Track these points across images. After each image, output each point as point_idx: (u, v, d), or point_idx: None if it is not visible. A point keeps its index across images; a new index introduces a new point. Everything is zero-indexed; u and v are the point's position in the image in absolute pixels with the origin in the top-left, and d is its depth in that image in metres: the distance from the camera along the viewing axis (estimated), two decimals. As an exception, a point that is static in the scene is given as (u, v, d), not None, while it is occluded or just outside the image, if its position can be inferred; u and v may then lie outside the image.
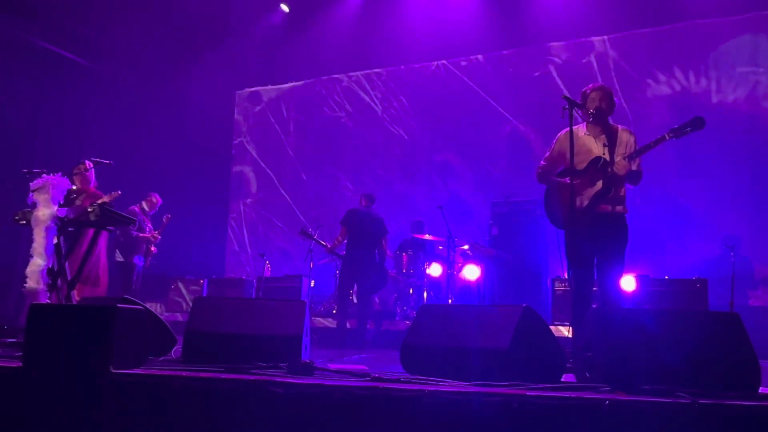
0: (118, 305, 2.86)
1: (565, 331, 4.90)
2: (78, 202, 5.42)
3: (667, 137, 3.63)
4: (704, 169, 7.49)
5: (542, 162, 4.18)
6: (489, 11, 8.93)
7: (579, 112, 3.93)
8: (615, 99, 4.02)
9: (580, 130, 4.01)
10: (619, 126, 4.00)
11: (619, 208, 3.86)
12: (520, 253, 7.33)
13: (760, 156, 7.42)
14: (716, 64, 7.86)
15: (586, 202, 3.85)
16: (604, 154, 3.87)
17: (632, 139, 3.93)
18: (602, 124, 3.95)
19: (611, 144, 3.88)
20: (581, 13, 8.39)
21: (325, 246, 7.06)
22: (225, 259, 10.61)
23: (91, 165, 5.61)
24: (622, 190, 3.88)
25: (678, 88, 8.04)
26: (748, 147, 7.52)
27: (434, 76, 9.66)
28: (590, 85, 4.05)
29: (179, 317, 7.80)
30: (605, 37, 8.50)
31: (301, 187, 10.43)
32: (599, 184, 3.80)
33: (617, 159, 3.76)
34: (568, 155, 3.79)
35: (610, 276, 3.80)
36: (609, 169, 3.77)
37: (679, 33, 8.10)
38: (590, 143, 3.94)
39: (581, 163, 3.87)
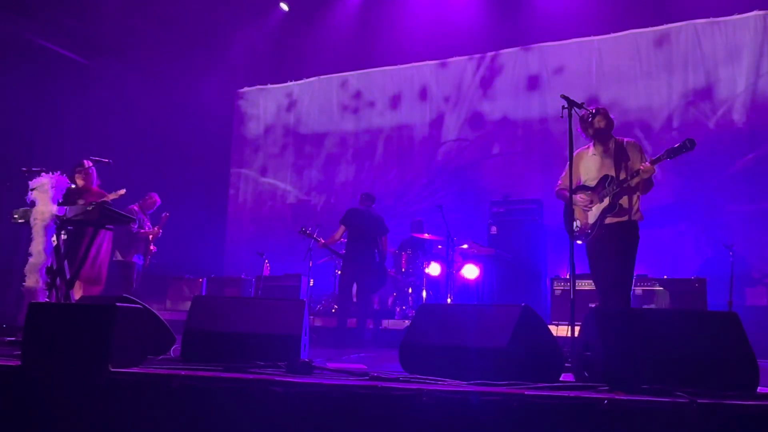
0: (117, 304, 2.86)
1: (564, 331, 4.92)
2: (80, 201, 5.42)
3: (663, 157, 3.88)
4: (703, 168, 7.49)
5: (559, 180, 4.45)
6: (490, 11, 8.93)
7: (582, 133, 4.23)
8: (611, 115, 4.24)
9: (588, 150, 4.30)
10: (624, 139, 4.24)
11: (626, 217, 4.06)
12: (519, 253, 7.34)
13: (759, 155, 7.42)
14: (715, 64, 7.86)
15: (595, 217, 4.13)
16: (612, 168, 4.11)
17: (637, 148, 4.17)
18: (607, 141, 4.19)
19: (618, 158, 4.13)
20: (582, 13, 8.39)
21: (319, 241, 7.05)
22: (224, 257, 10.60)
23: (91, 164, 5.61)
24: (632, 201, 4.07)
25: (677, 87, 8.04)
26: (746, 146, 7.52)
27: (434, 75, 9.66)
28: (589, 110, 4.17)
29: (178, 316, 7.79)
30: (604, 36, 8.50)
31: (300, 186, 10.43)
32: (606, 200, 4.08)
33: (642, 165, 3.96)
34: (580, 174, 4.21)
35: (617, 280, 4.00)
36: (617, 185, 4.04)
37: (678, 33, 8.10)
38: (598, 162, 4.19)
39: (592, 181, 4.20)
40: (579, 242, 4.21)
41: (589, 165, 4.23)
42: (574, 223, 4.23)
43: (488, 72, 9.27)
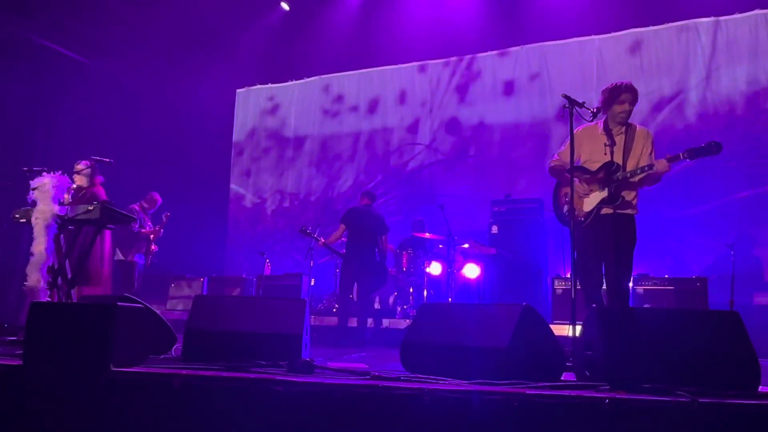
0: (119, 303, 2.86)
1: (566, 330, 4.91)
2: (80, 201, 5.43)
3: (681, 157, 3.62)
4: (705, 167, 7.47)
5: (555, 156, 4.15)
6: (490, 10, 8.93)
7: (601, 107, 3.87)
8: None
9: (597, 128, 3.97)
10: (637, 126, 3.96)
11: (626, 210, 3.85)
12: (520, 252, 7.33)
13: (761, 152, 7.41)
14: (715, 62, 7.85)
15: (591, 206, 3.86)
16: (607, 154, 3.84)
17: (650, 140, 3.90)
18: (623, 124, 3.89)
19: (628, 146, 3.83)
20: (583, 11, 8.39)
21: (319, 241, 7.06)
22: (225, 257, 10.62)
23: (89, 163, 5.62)
24: (631, 194, 3.86)
25: (677, 86, 8.03)
26: (748, 144, 7.51)
27: (434, 74, 9.66)
28: (620, 84, 3.88)
29: (179, 315, 7.80)
30: (606, 35, 8.50)
31: (301, 185, 10.44)
32: (607, 190, 3.81)
33: (658, 161, 3.72)
34: (581, 153, 3.87)
35: (615, 277, 3.81)
36: (622, 176, 3.77)
37: (679, 31, 8.10)
38: (606, 145, 3.87)
39: (595, 163, 3.89)
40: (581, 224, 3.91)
41: (595, 145, 3.88)
42: (565, 208, 3.95)
43: (486, 71, 9.27)
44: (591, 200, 3.89)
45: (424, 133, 9.57)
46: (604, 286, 3.96)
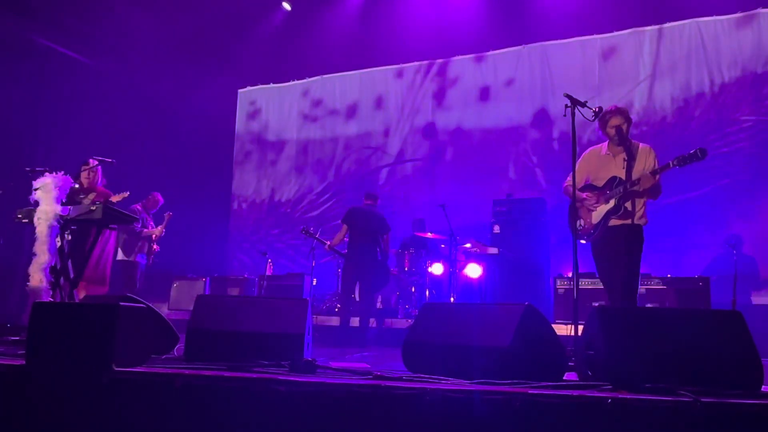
0: (121, 303, 2.87)
1: (567, 330, 4.94)
2: (86, 201, 5.44)
3: (671, 165, 3.86)
4: (707, 166, 7.45)
5: (568, 177, 4.40)
6: (492, 9, 8.92)
7: (600, 132, 4.21)
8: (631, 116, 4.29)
9: (602, 148, 4.31)
10: (640, 144, 4.23)
11: (630, 220, 4.06)
12: (522, 252, 7.33)
13: (763, 152, 7.39)
14: (718, 61, 7.84)
15: (599, 218, 4.15)
16: (623, 170, 4.10)
17: (651, 156, 4.15)
18: (623, 143, 4.16)
19: (630, 162, 4.11)
20: (585, 11, 8.38)
21: (325, 244, 7.07)
22: (227, 257, 10.63)
23: (97, 162, 5.63)
24: (638, 205, 4.07)
25: (679, 85, 8.02)
26: (751, 143, 7.49)
27: (436, 74, 9.65)
28: (609, 109, 4.20)
29: (181, 315, 7.81)
30: (607, 34, 8.49)
31: (302, 185, 10.44)
32: (612, 202, 4.09)
33: (642, 173, 3.99)
34: (588, 173, 4.27)
35: (622, 279, 4.00)
36: (624, 188, 4.03)
37: (681, 30, 8.08)
38: (610, 162, 4.20)
39: (601, 181, 4.21)
40: (582, 242, 4.22)
41: (600, 165, 4.25)
42: (578, 222, 4.23)
43: (487, 70, 9.27)
44: (598, 212, 4.17)
45: (413, 135, 9.59)
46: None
